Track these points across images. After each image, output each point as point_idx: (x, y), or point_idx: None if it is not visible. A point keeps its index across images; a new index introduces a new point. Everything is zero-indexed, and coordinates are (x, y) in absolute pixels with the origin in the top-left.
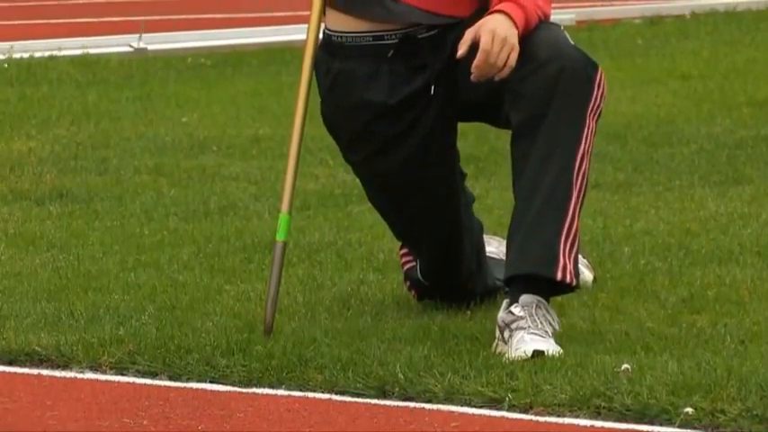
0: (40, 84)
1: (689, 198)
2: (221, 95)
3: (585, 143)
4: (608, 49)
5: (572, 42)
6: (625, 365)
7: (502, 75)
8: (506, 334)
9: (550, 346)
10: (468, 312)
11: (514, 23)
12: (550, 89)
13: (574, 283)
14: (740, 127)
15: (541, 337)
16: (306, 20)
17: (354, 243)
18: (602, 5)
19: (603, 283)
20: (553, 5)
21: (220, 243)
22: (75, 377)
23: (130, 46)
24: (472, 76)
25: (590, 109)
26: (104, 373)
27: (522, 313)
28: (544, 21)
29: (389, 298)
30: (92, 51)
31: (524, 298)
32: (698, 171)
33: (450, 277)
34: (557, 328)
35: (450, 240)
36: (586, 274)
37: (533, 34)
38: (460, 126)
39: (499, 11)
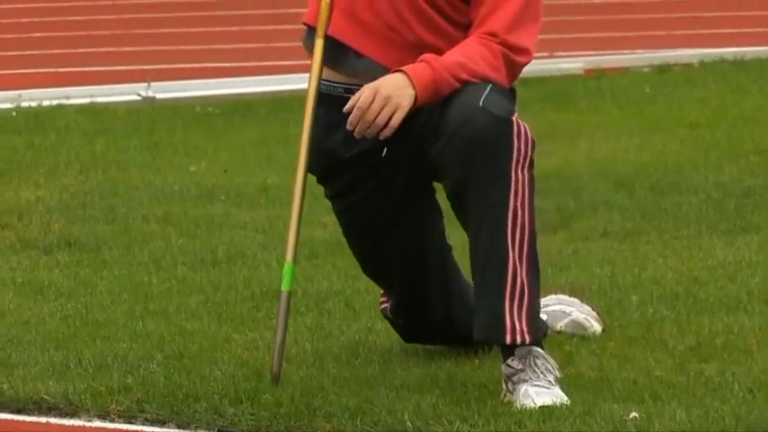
0: (48, 132)
1: (697, 246)
2: (229, 144)
3: (516, 199)
4: (616, 97)
5: (492, 97)
6: (633, 414)
7: (384, 134)
8: (510, 386)
9: (556, 397)
10: (477, 360)
11: (412, 84)
12: (467, 157)
13: (527, 341)
14: (748, 175)
15: (546, 388)
16: (308, 69)
17: (362, 291)
18: (610, 54)
19: (611, 332)
20: (561, 54)
21: (228, 292)
22: (84, 426)
23: (138, 95)
24: (353, 132)
25: (514, 164)
26: (113, 421)
27: (520, 365)
28: (472, 83)
29: (397, 346)
30: (99, 100)
31: (518, 350)
32: (706, 219)
33: (420, 316)
34: (558, 375)
35: (417, 279)
36: (595, 326)
37: (449, 101)
38: None
39: (400, 69)
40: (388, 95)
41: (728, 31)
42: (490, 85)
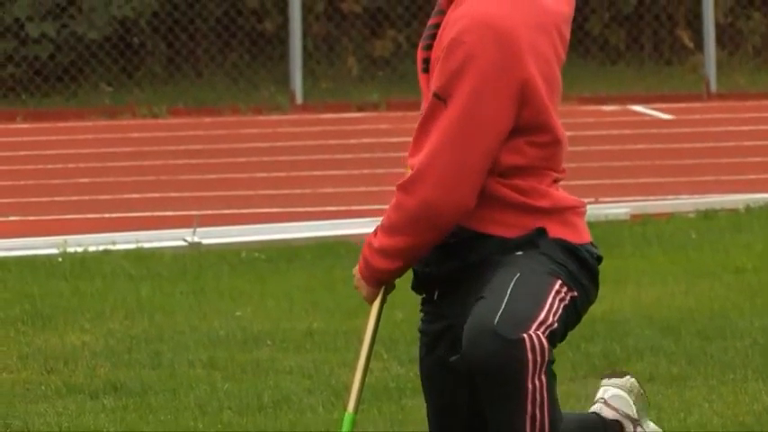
0: (94, 278)
1: (743, 391)
2: (275, 289)
3: (534, 405)
4: (662, 242)
5: (510, 308)
6: None
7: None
8: None
9: None
10: None
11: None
12: (482, 377)
13: None
14: None
15: None
16: (354, 214)
17: None
18: (655, 199)
19: None
20: (607, 200)
21: None
22: None
23: (184, 240)
24: None
25: (530, 377)
26: None
27: None
28: (495, 290)
29: None
30: (146, 246)
31: None
32: (751, 364)
33: None
34: None
35: None
36: None
37: (470, 312)
38: None
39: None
40: (358, 277)
41: None
42: (516, 276)
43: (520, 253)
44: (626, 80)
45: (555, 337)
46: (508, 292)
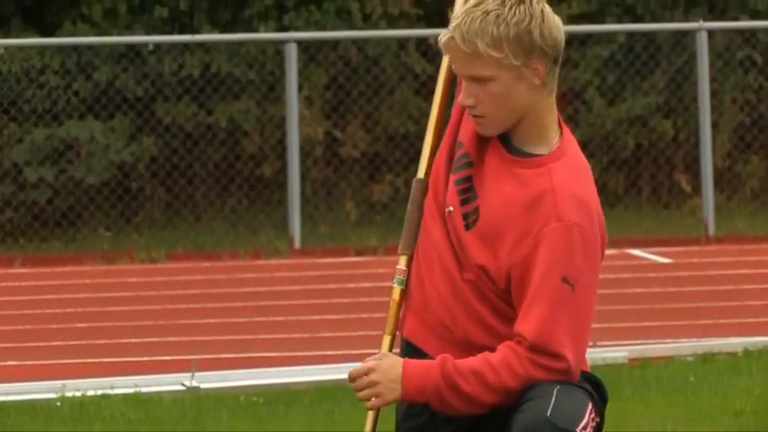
0: (93, 421)
1: None
2: None
3: None
4: (661, 385)
5: (560, 404)
6: None
7: (367, 407)
8: None
9: None
10: None
11: (402, 381)
12: None
13: None
14: None
15: None
16: (352, 358)
17: None
18: (654, 343)
19: None
20: (605, 343)
21: None
22: None
23: (183, 384)
24: None
25: None
26: None
27: None
28: (540, 387)
29: None
30: (144, 390)
31: None
32: None
33: None
34: None
35: None
36: None
37: (519, 409)
38: None
39: (408, 361)
40: (377, 381)
41: None
42: (557, 387)
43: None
44: (624, 224)
45: None
46: (554, 395)
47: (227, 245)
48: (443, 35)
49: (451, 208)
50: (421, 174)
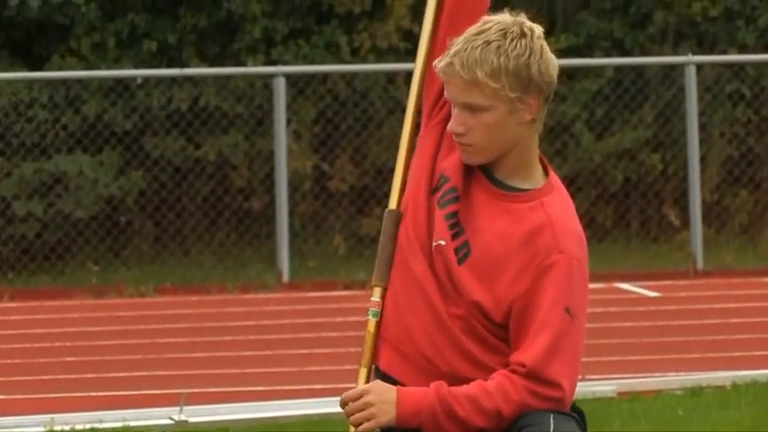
0: None
1: None
2: None
3: None
4: (649, 420)
5: (555, 428)
6: None
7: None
8: None
9: None
10: None
11: (396, 403)
12: None
13: None
14: None
15: None
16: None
17: None
18: (642, 377)
19: None
20: (594, 377)
21: None
22: None
23: (171, 419)
24: None
25: None
26: None
27: None
28: (536, 416)
29: None
30: (132, 424)
31: None
32: None
33: None
34: None
35: None
36: None
37: None
38: None
39: (401, 387)
40: (372, 402)
41: (761, 353)
42: (552, 415)
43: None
44: (613, 258)
45: None
46: (551, 422)
47: (216, 279)
48: (442, 60)
49: (443, 242)
50: (392, 205)
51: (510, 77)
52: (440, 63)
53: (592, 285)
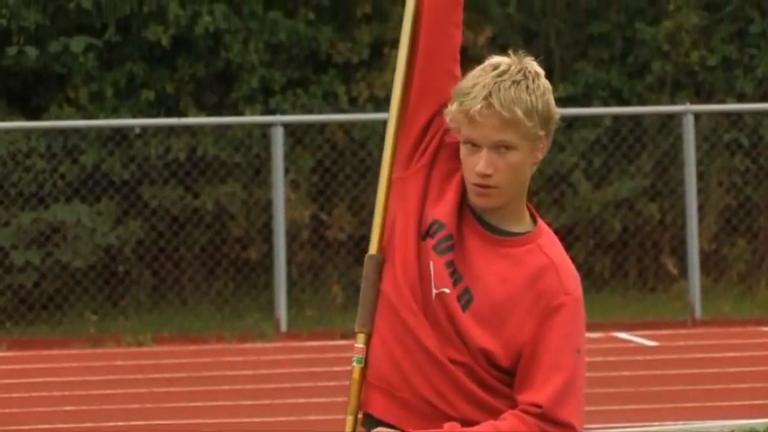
0: None
1: None
2: None
3: None
4: None
5: None
6: None
7: None
8: None
9: None
10: None
11: None
12: None
13: None
14: None
15: None
16: None
17: None
18: (640, 426)
19: None
20: (591, 426)
21: None
22: None
23: None
24: None
25: None
26: None
27: None
28: None
29: None
30: None
31: None
32: None
33: None
34: None
35: None
36: None
37: None
38: None
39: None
40: None
41: (759, 403)
42: None
43: None
44: (610, 307)
45: None
46: None
47: (214, 328)
48: (474, 104)
49: (447, 290)
50: (373, 249)
51: (539, 116)
52: (474, 107)
53: (590, 335)
